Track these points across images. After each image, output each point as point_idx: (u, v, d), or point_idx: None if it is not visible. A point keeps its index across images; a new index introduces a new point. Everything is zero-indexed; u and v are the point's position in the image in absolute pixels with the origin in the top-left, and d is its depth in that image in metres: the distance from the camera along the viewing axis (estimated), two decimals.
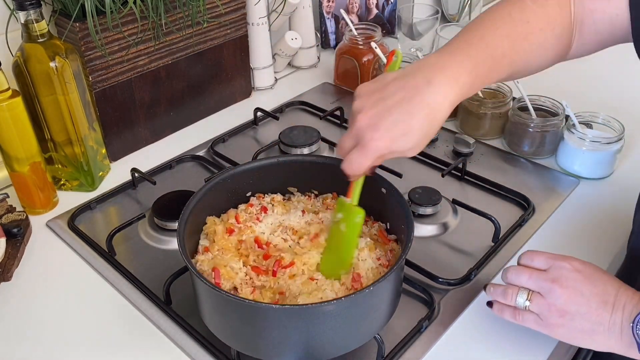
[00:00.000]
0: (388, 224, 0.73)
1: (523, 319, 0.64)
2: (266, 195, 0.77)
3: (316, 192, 0.78)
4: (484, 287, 0.69)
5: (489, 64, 0.61)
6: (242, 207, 0.75)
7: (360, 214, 0.66)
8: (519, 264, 0.67)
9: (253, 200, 0.76)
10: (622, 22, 0.65)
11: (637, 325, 0.57)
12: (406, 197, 0.86)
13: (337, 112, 1.11)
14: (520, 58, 0.64)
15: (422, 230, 0.85)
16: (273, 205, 0.75)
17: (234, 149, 1.05)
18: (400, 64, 0.65)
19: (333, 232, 0.68)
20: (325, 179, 0.76)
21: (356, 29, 1.21)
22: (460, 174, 0.96)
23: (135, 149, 1.04)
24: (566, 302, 0.61)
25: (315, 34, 1.33)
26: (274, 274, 0.65)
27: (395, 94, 0.57)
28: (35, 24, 0.80)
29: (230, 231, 0.71)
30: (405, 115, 0.56)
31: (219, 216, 0.74)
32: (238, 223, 0.72)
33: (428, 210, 0.86)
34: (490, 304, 0.67)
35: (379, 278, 0.59)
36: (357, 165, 0.59)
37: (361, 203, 0.67)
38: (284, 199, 0.77)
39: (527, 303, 0.63)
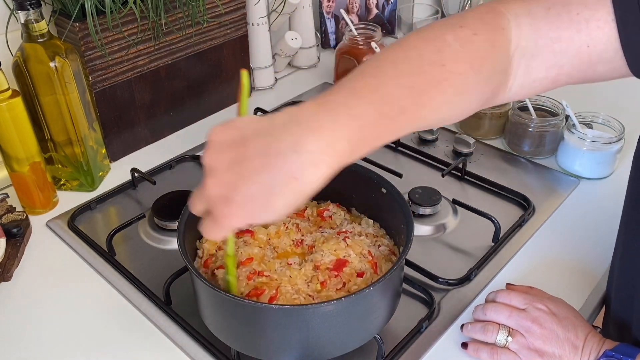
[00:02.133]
0: (388, 223, 0.73)
1: (500, 358, 0.64)
2: None
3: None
4: (461, 327, 0.69)
5: (382, 125, 0.47)
6: None
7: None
8: (494, 301, 0.68)
9: None
10: (592, 56, 0.51)
11: None
12: (406, 197, 0.86)
13: None
14: (428, 112, 0.49)
15: (422, 230, 0.85)
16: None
17: None
18: (248, 87, 0.54)
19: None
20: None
21: (356, 29, 1.21)
22: (460, 174, 0.96)
23: (135, 149, 1.04)
24: (544, 343, 0.62)
25: (315, 34, 1.33)
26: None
27: (255, 158, 0.44)
28: (35, 24, 0.80)
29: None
30: (265, 189, 0.44)
31: None
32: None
33: (428, 210, 0.86)
34: (465, 345, 0.67)
35: (378, 278, 0.59)
36: (213, 236, 0.49)
37: (361, 202, 0.67)
38: None
39: (509, 339, 0.64)
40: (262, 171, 0.44)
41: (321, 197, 0.78)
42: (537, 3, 0.52)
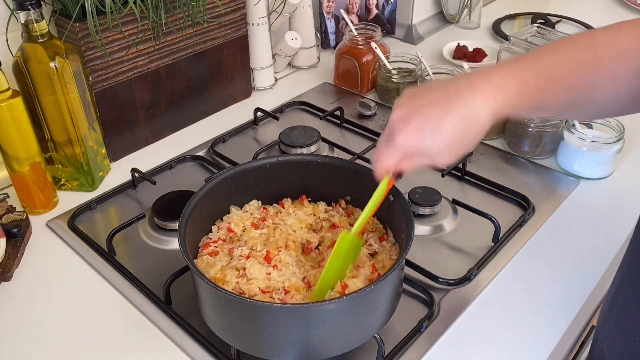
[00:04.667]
0: (388, 223, 0.73)
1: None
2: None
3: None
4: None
5: (543, 80, 0.55)
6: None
7: (360, 244, 0.66)
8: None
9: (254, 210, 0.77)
10: None
11: None
12: (406, 197, 0.86)
13: (337, 112, 1.11)
14: (584, 85, 0.56)
15: (422, 230, 0.85)
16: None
17: (234, 149, 1.05)
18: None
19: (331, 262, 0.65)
20: (326, 178, 0.76)
21: (356, 29, 1.21)
22: (460, 174, 0.96)
23: (135, 149, 1.04)
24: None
25: (315, 34, 1.33)
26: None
27: (434, 93, 0.55)
28: (35, 24, 0.80)
29: (254, 226, 0.73)
30: (439, 113, 0.53)
31: (220, 217, 0.75)
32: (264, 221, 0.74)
33: (428, 210, 0.86)
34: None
35: (378, 278, 0.59)
36: (383, 160, 0.57)
37: (362, 202, 0.67)
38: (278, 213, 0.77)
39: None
40: (440, 101, 0.54)
41: (322, 196, 0.78)
42: None
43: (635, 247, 0.60)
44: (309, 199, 0.78)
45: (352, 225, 0.74)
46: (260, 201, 0.78)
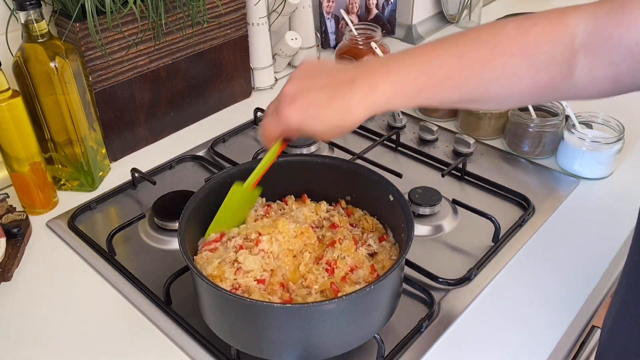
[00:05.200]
0: (388, 223, 0.73)
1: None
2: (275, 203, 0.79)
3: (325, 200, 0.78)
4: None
5: (421, 82, 0.56)
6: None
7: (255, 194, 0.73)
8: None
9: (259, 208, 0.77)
10: None
11: None
12: (406, 197, 0.86)
13: None
14: (474, 84, 0.56)
15: (422, 230, 0.85)
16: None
17: (234, 149, 1.05)
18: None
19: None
20: (326, 178, 0.76)
21: (356, 29, 1.21)
22: (460, 174, 0.96)
23: (135, 149, 1.04)
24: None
25: (315, 34, 1.33)
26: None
27: (324, 79, 0.59)
28: (35, 24, 0.80)
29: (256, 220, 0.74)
30: (321, 102, 0.58)
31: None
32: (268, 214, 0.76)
33: (428, 210, 0.86)
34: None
35: (378, 278, 0.59)
36: (268, 129, 0.62)
37: (362, 202, 0.68)
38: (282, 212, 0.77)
39: None
40: (325, 89, 0.58)
41: (322, 196, 0.78)
42: (602, 5, 0.54)
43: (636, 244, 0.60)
44: (310, 199, 0.78)
45: (352, 225, 0.74)
46: (264, 198, 0.78)
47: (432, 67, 0.56)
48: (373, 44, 1.16)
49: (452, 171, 0.96)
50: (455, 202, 0.88)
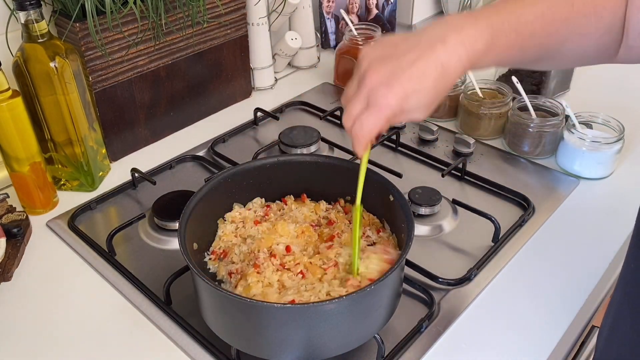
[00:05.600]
0: (387, 223, 0.73)
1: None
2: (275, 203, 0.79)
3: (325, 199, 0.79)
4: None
5: (512, 38, 0.56)
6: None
7: (358, 209, 0.66)
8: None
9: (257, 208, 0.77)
10: None
11: None
12: (406, 197, 0.86)
13: (337, 112, 1.11)
14: (553, 42, 0.58)
15: (422, 230, 0.85)
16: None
17: (234, 149, 1.05)
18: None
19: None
20: (326, 178, 0.76)
21: (356, 29, 1.21)
22: (460, 174, 0.96)
23: (135, 149, 1.04)
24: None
25: (315, 34, 1.33)
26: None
27: (408, 52, 0.55)
28: (35, 24, 0.80)
29: (257, 223, 0.74)
30: (419, 72, 0.54)
31: (222, 216, 0.75)
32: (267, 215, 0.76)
33: (428, 210, 0.86)
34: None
35: (378, 278, 0.59)
36: (370, 127, 0.56)
37: (362, 201, 0.68)
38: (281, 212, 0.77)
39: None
40: (417, 60, 0.54)
41: (322, 196, 0.78)
42: None
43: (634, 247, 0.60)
44: (310, 199, 0.78)
45: (349, 221, 0.74)
46: (263, 199, 0.78)
47: (521, 24, 0.56)
48: None
49: (452, 171, 0.96)
50: (455, 202, 0.88)
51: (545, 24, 0.57)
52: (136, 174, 0.94)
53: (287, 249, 0.69)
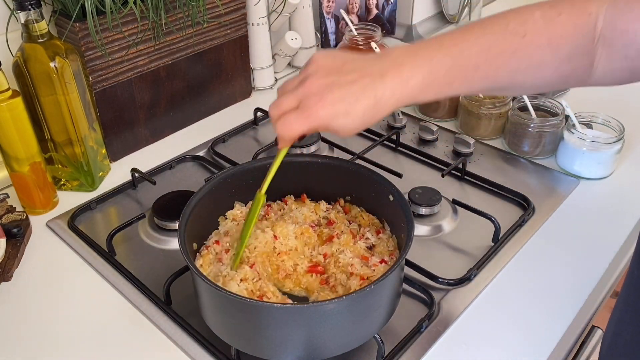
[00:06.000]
0: (387, 223, 0.73)
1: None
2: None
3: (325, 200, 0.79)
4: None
5: (454, 72, 0.56)
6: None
7: (261, 200, 0.68)
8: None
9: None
10: None
11: None
12: (406, 197, 0.86)
13: None
14: (501, 74, 0.56)
15: (422, 230, 0.85)
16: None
17: (234, 149, 1.05)
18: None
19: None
20: (325, 178, 0.76)
21: (356, 29, 1.21)
22: (460, 174, 0.96)
23: (135, 149, 1.04)
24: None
25: (315, 34, 1.33)
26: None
27: (350, 74, 0.56)
28: (35, 24, 0.80)
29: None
30: (353, 97, 0.55)
31: (223, 214, 0.75)
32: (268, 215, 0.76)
33: (428, 210, 0.86)
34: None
35: (379, 277, 0.59)
36: (294, 127, 0.57)
37: (362, 201, 0.68)
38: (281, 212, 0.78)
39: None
40: (354, 84, 0.55)
41: (322, 196, 0.78)
42: None
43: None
44: (310, 199, 0.78)
45: (350, 221, 0.74)
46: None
47: (463, 58, 0.55)
48: (373, 44, 1.15)
49: (452, 171, 0.96)
50: (455, 202, 0.88)
51: (491, 57, 0.55)
52: (136, 174, 0.94)
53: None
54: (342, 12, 1.26)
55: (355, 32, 1.20)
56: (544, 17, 0.55)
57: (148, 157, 1.02)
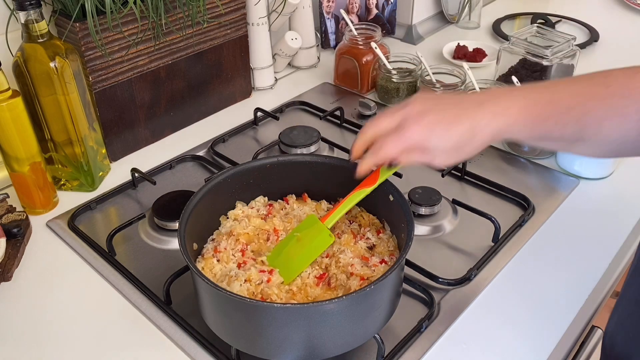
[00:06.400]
0: (388, 223, 0.73)
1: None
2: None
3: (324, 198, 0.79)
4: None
5: (548, 110, 0.58)
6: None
7: (330, 242, 0.68)
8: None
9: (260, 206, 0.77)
10: None
11: None
12: (406, 197, 0.86)
13: (337, 112, 1.11)
14: (590, 121, 0.58)
15: (422, 230, 0.85)
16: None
17: (234, 149, 1.05)
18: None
19: (291, 241, 0.69)
20: (326, 178, 0.76)
21: (356, 29, 1.21)
22: (460, 174, 0.96)
23: (135, 149, 1.04)
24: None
25: (315, 34, 1.33)
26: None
27: (449, 103, 0.61)
28: (35, 24, 0.80)
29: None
30: (450, 120, 0.59)
31: (225, 214, 0.75)
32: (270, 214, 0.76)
33: (428, 210, 0.86)
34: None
35: (379, 277, 0.59)
36: (388, 149, 0.60)
37: (362, 201, 0.68)
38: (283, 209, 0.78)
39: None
40: (452, 110, 0.59)
41: (323, 195, 0.78)
42: None
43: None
44: (311, 198, 0.78)
45: (350, 221, 0.74)
46: (266, 197, 0.78)
47: (557, 98, 0.58)
48: (373, 44, 1.16)
49: (452, 171, 0.96)
50: (455, 202, 0.88)
51: (583, 101, 0.58)
52: (136, 174, 0.94)
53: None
54: (342, 12, 1.26)
55: (355, 32, 1.20)
56: (624, 73, 0.58)
57: (148, 157, 1.02)
